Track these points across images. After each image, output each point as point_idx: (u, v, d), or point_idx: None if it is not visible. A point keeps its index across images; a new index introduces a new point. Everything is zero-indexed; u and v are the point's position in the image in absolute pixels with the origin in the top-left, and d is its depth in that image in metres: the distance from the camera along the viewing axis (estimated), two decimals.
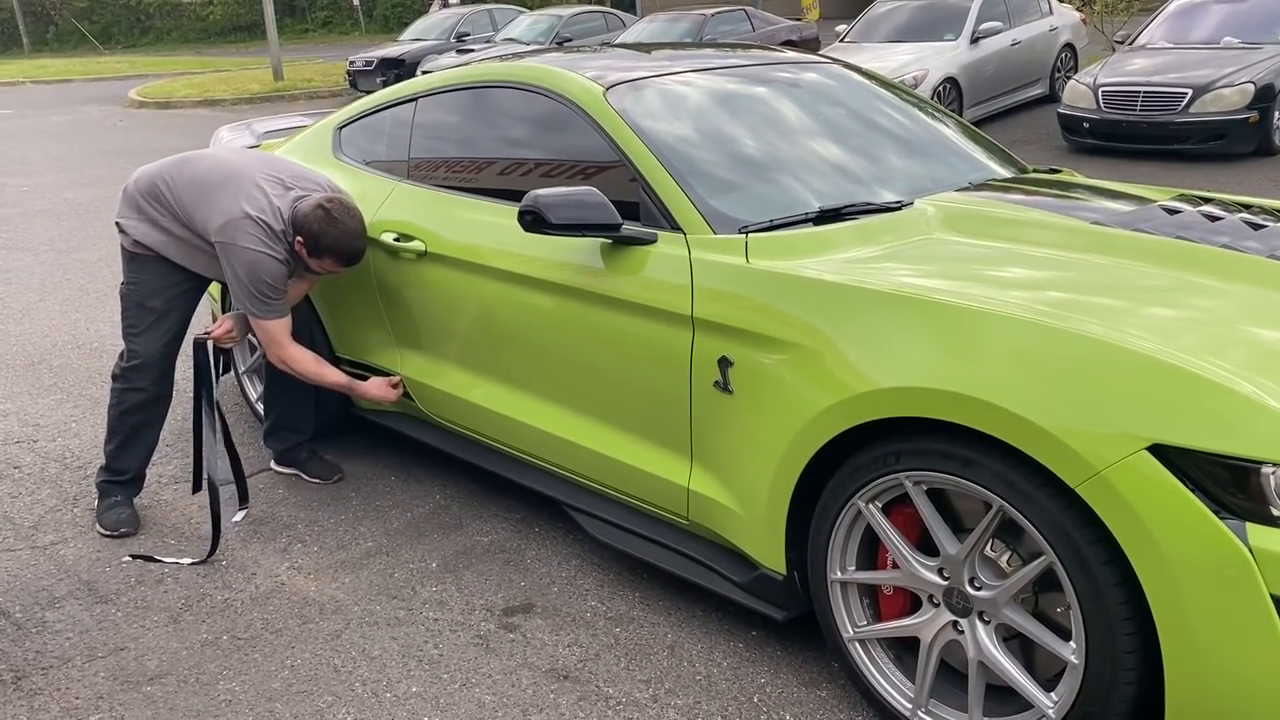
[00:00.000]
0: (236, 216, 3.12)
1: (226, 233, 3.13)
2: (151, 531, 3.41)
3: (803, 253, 2.53)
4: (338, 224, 3.12)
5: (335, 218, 3.12)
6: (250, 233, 3.12)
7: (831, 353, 2.25)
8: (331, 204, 3.14)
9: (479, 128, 3.37)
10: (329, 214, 3.12)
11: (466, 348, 3.27)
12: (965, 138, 3.45)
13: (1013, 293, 2.19)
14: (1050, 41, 12.56)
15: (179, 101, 18.42)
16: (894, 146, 3.17)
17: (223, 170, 3.23)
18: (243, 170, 3.22)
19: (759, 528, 2.48)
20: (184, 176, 3.25)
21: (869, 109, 3.33)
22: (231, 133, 4.63)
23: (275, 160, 3.35)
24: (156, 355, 3.33)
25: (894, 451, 2.18)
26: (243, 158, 3.30)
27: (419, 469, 3.77)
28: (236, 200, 3.14)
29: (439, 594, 2.97)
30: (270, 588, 3.04)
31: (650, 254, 2.70)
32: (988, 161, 3.32)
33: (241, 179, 3.19)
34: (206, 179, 3.22)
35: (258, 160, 3.30)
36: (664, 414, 2.70)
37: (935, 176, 3.08)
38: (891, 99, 3.47)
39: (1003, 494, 2.02)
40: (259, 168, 3.25)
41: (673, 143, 2.89)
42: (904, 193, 2.91)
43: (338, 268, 3.25)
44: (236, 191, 3.16)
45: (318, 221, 3.12)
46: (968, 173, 3.17)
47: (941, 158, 3.22)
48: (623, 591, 2.94)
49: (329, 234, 3.12)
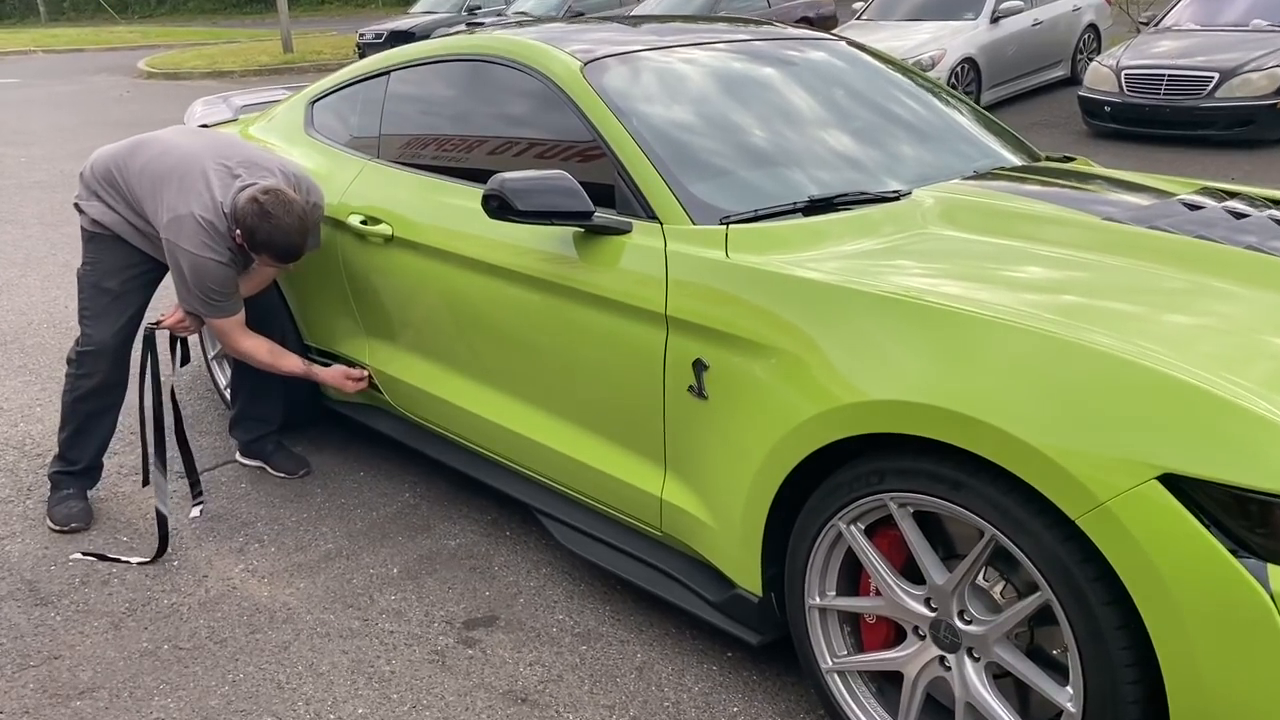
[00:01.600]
0: (181, 214, 2.93)
1: (172, 230, 2.95)
2: (105, 526, 3.24)
3: (788, 246, 2.32)
4: (270, 219, 2.90)
5: (268, 212, 2.89)
6: (193, 234, 2.93)
7: (816, 358, 2.04)
8: (267, 197, 2.91)
9: (452, 104, 3.16)
10: (262, 208, 2.90)
11: (434, 339, 3.08)
12: (975, 123, 3.22)
13: (1013, 297, 1.97)
14: (1073, 22, 12.22)
15: (187, 73, 18.24)
16: (897, 131, 2.95)
17: (172, 157, 3.03)
18: (192, 158, 3.02)
19: (734, 544, 2.29)
20: (136, 163, 3.07)
21: (872, 91, 3.10)
22: (206, 106, 4.43)
23: (229, 144, 3.14)
24: (111, 340, 3.15)
25: (878, 470, 1.97)
26: (194, 142, 3.09)
27: (390, 464, 3.59)
28: (183, 195, 2.95)
29: (397, 603, 2.79)
30: (221, 592, 2.87)
31: (625, 245, 2.49)
32: (997, 148, 3.09)
33: (190, 169, 2.99)
34: (156, 167, 3.03)
35: (210, 145, 3.09)
36: (636, 418, 2.50)
37: (939, 164, 2.85)
38: (898, 80, 3.24)
39: (995, 522, 1.82)
40: (210, 154, 3.04)
41: (653, 124, 2.68)
42: (905, 181, 2.69)
43: (275, 264, 3.04)
44: (182, 184, 2.97)
45: (251, 216, 2.91)
46: (975, 161, 2.95)
47: (947, 144, 2.99)
48: (593, 605, 2.75)
49: (261, 229, 2.91)
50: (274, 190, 2.94)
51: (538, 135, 2.88)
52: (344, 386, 3.32)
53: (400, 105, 3.33)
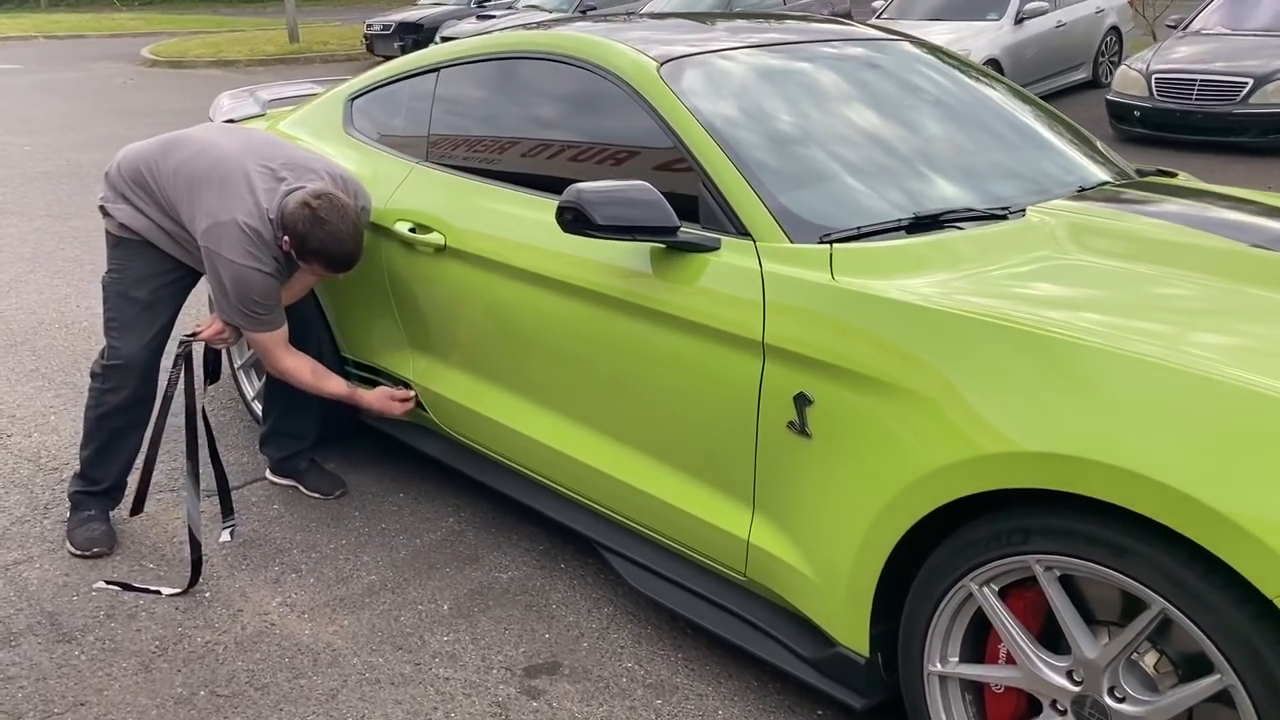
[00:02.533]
0: (223, 221, 2.72)
1: (211, 237, 2.73)
2: (129, 551, 3.02)
3: (901, 269, 2.10)
4: (324, 225, 2.69)
5: (321, 218, 2.68)
6: (236, 242, 2.71)
7: (951, 400, 1.83)
8: (319, 201, 2.70)
9: (509, 105, 2.94)
10: (315, 213, 2.69)
11: (489, 357, 2.86)
12: (1063, 132, 3.00)
13: (1180, 336, 1.76)
14: (1095, 24, 12.01)
15: (191, 61, 17.93)
16: (990, 141, 2.73)
17: (210, 158, 2.81)
18: (232, 159, 2.80)
19: (838, 600, 2.08)
20: (169, 164, 2.84)
21: (958, 96, 2.89)
22: (233, 100, 4.20)
23: (270, 144, 2.92)
24: (141, 354, 2.93)
25: (1022, 528, 1.76)
26: (234, 142, 2.87)
27: (429, 484, 3.37)
28: (224, 200, 2.73)
29: (451, 645, 2.58)
30: (259, 629, 2.65)
31: (710, 263, 2.28)
32: (1089, 162, 2.87)
33: (230, 170, 2.77)
34: (193, 168, 2.80)
35: (250, 145, 2.88)
36: (722, 454, 2.28)
37: (1042, 178, 2.64)
38: (982, 87, 3.03)
39: (1168, 594, 1.61)
40: (251, 155, 2.82)
41: (738, 130, 2.46)
42: (1009, 198, 2.48)
43: (327, 273, 2.83)
44: (223, 188, 2.75)
45: (303, 221, 2.69)
46: (1075, 175, 2.73)
47: (1043, 156, 2.78)
48: (663, 651, 2.54)
49: (314, 236, 2.70)
50: (326, 194, 2.73)
51: (607, 140, 2.66)
52: (389, 410, 3.10)
53: (451, 105, 3.11)
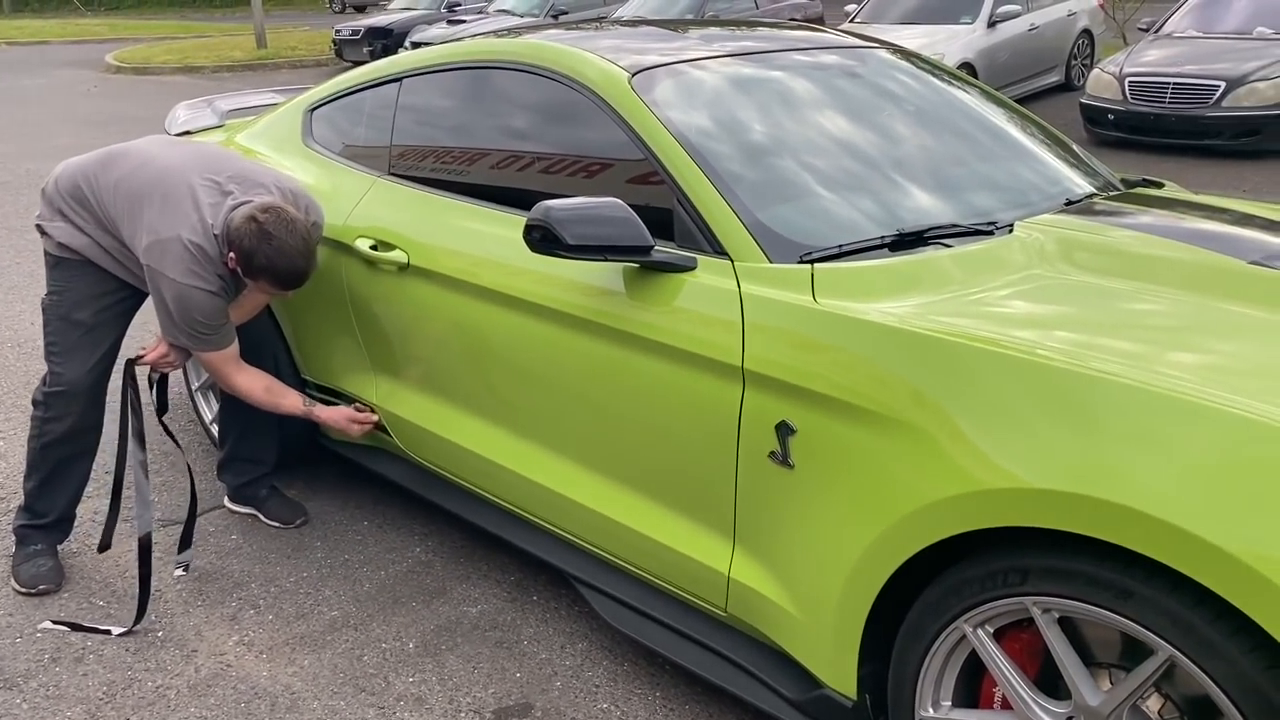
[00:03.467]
0: (165, 238, 2.58)
1: (153, 255, 2.59)
2: (78, 587, 2.87)
3: (886, 290, 2.00)
4: (271, 241, 2.56)
5: (269, 233, 2.55)
6: (179, 260, 2.58)
7: (945, 431, 1.72)
8: (266, 215, 2.57)
9: (475, 116, 2.82)
10: (261, 228, 2.56)
11: (455, 380, 2.74)
12: (1046, 141, 2.92)
13: (1186, 363, 1.66)
14: (1068, 27, 12.01)
15: (157, 68, 17.67)
16: (974, 152, 2.64)
17: (152, 171, 2.67)
18: (176, 173, 2.66)
19: (824, 639, 1.97)
20: (109, 178, 2.70)
21: (940, 106, 2.79)
22: (190, 111, 4.05)
23: (216, 156, 2.79)
24: (84, 380, 2.79)
25: (1020, 568, 1.66)
26: (178, 155, 2.74)
27: (395, 512, 3.24)
28: (166, 216, 2.60)
29: (417, 686, 2.45)
30: (213, 671, 2.51)
31: (686, 283, 2.17)
32: (1073, 172, 2.79)
33: (173, 185, 2.63)
34: (134, 183, 2.66)
35: (195, 157, 2.74)
36: (701, 484, 2.17)
37: (1026, 191, 2.55)
38: (966, 96, 2.93)
39: (1175, 640, 1.51)
40: (196, 168, 2.68)
41: (713, 143, 2.35)
42: (994, 212, 2.39)
43: (276, 290, 2.70)
44: (165, 203, 2.61)
45: (249, 237, 2.56)
46: (1060, 187, 2.64)
47: (1027, 167, 2.68)
48: (640, 690, 2.42)
49: (261, 252, 2.57)
50: (274, 208, 2.59)
51: (577, 154, 2.55)
52: (348, 430, 2.97)
53: (415, 116, 2.98)
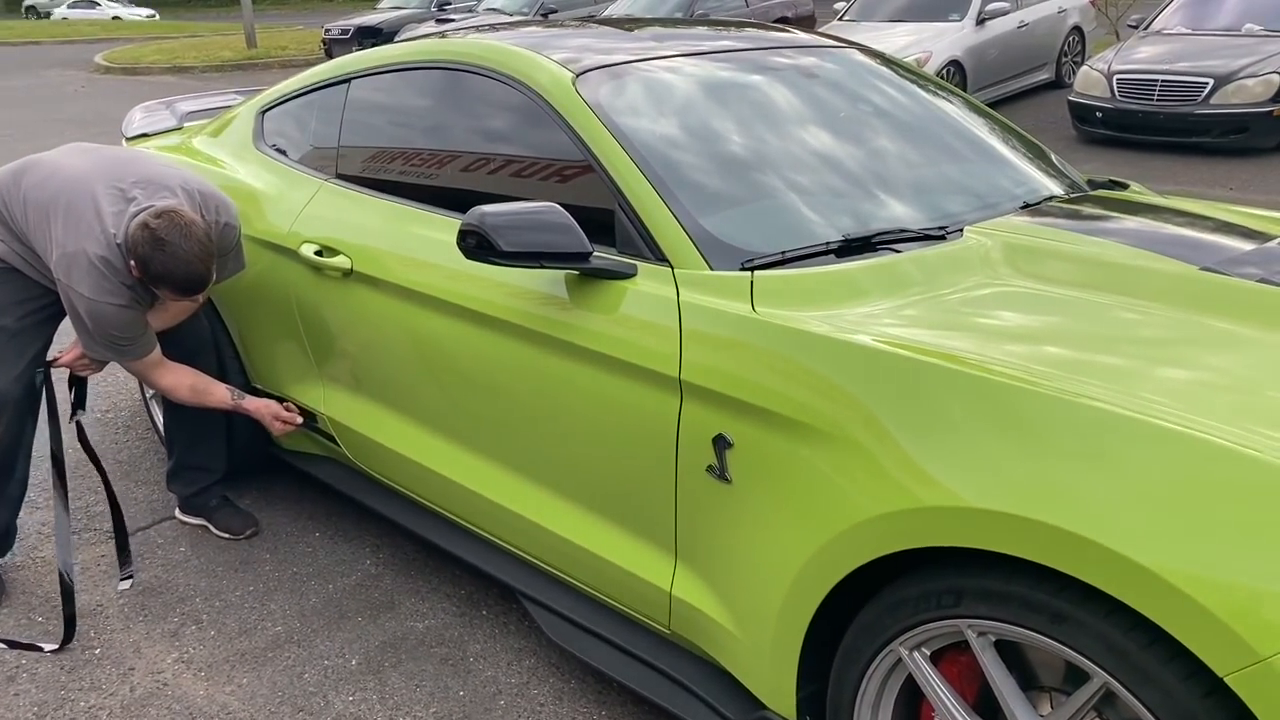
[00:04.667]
0: (71, 252, 2.53)
1: (62, 269, 2.55)
2: (18, 603, 2.80)
3: (828, 298, 1.93)
4: (165, 247, 2.48)
5: (161, 239, 2.48)
6: (86, 275, 2.52)
7: (883, 446, 1.65)
8: (159, 221, 2.49)
9: (420, 118, 2.75)
10: (154, 235, 2.48)
11: (399, 389, 2.67)
12: (1010, 142, 2.85)
13: (1126, 375, 1.59)
14: (1058, 24, 11.94)
15: (146, 68, 17.60)
16: (931, 154, 2.57)
17: (57, 183, 2.61)
18: (79, 182, 2.60)
19: (762, 659, 1.90)
20: (19, 191, 2.65)
21: (898, 107, 2.72)
22: (146, 113, 3.98)
23: (124, 161, 2.71)
24: (12, 387, 2.71)
25: (954, 589, 1.59)
26: (84, 163, 2.67)
27: (348, 523, 3.17)
28: (69, 229, 2.54)
29: (356, 705, 2.38)
30: (149, 690, 2.44)
31: (627, 291, 2.10)
32: (1038, 173, 2.72)
33: (76, 195, 2.57)
34: (40, 195, 2.61)
35: (102, 164, 2.67)
36: (642, 499, 2.11)
37: (982, 194, 2.48)
38: (922, 94, 2.87)
39: (1110, 667, 1.44)
40: (101, 176, 2.62)
41: (658, 147, 2.28)
42: (948, 216, 2.32)
43: (176, 298, 2.62)
44: (68, 215, 2.55)
45: (142, 244, 2.49)
46: (1020, 189, 2.57)
47: (987, 169, 2.62)
48: (586, 708, 2.36)
49: (156, 260, 2.49)
50: (168, 212, 2.51)
51: (521, 156, 2.48)
52: (271, 426, 2.90)
53: (361, 118, 2.91)
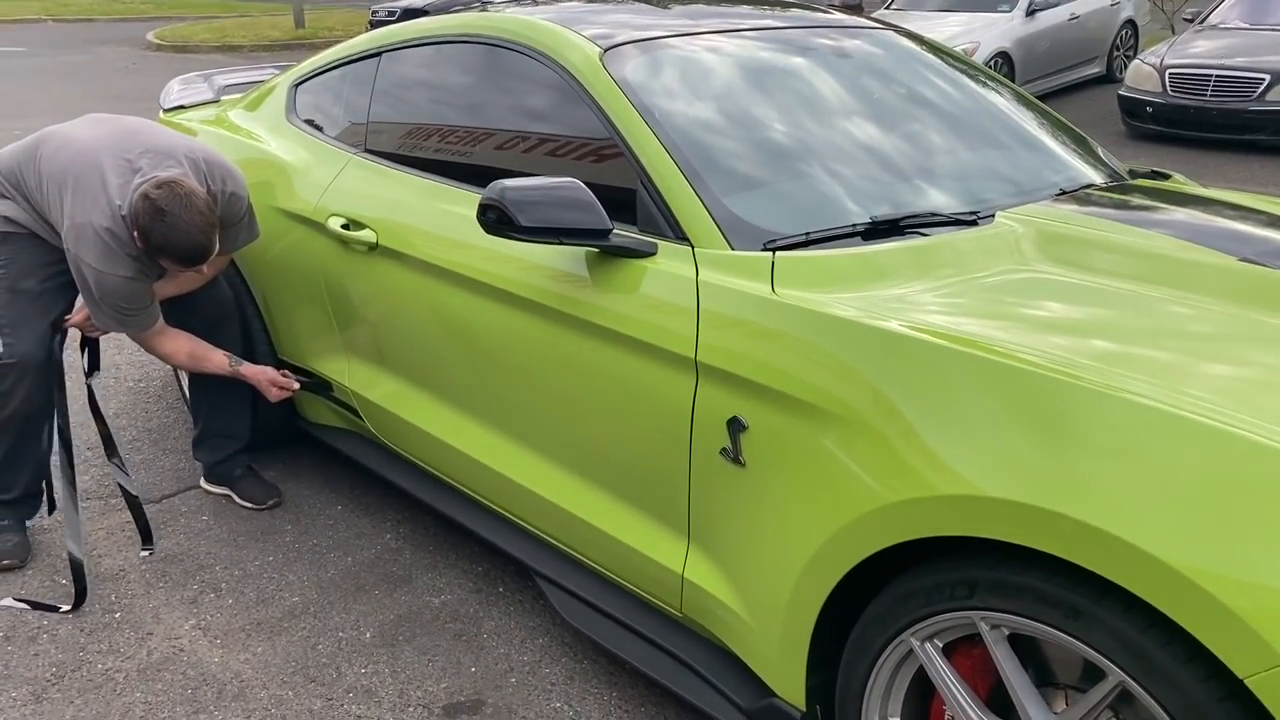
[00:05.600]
0: (79, 223, 2.57)
1: (71, 240, 2.59)
2: (43, 564, 2.83)
3: (850, 281, 1.89)
4: (165, 217, 2.49)
5: (161, 209, 2.49)
6: (93, 246, 2.56)
7: (901, 432, 1.61)
8: (160, 191, 2.51)
9: (449, 92, 2.73)
10: (154, 205, 2.50)
11: (421, 364, 2.66)
12: (1051, 129, 2.78)
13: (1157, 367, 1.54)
14: (1110, 17, 11.71)
15: (196, 46, 17.78)
16: (967, 139, 2.51)
17: (68, 154, 2.64)
18: (88, 154, 2.63)
19: (772, 645, 1.87)
20: (34, 163, 2.70)
21: (934, 91, 2.67)
22: (184, 86, 4.00)
23: (133, 132, 2.73)
24: (36, 350, 2.74)
25: (968, 580, 1.55)
26: (95, 134, 2.70)
27: (371, 497, 3.17)
28: (78, 201, 2.58)
29: (368, 678, 2.38)
30: (165, 655, 2.46)
31: (647, 270, 2.07)
32: (1078, 162, 2.65)
33: (85, 167, 2.61)
34: (52, 166, 2.65)
35: (112, 135, 2.69)
36: (655, 479, 2.08)
37: (1018, 180, 2.42)
38: (961, 78, 2.80)
39: (1126, 665, 1.40)
40: (109, 147, 2.65)
41: (685, 125, 2.25)
42: (981, 201, 2.27)
43: (179, 268, 2.64)
44: (78, 187, 2.59)
45: (143, 215, 2.51)
46: (1058, 177, 2.51)
47: (1025, 155, 2.56)
48: (597, 689, 2.34)
49: (156, 230, 2.51)
50: (169, 182, 2.52)
51: (549, 132, 2.46)
52: (268, 392, 2.92)
53: (391, 92, 2.91)
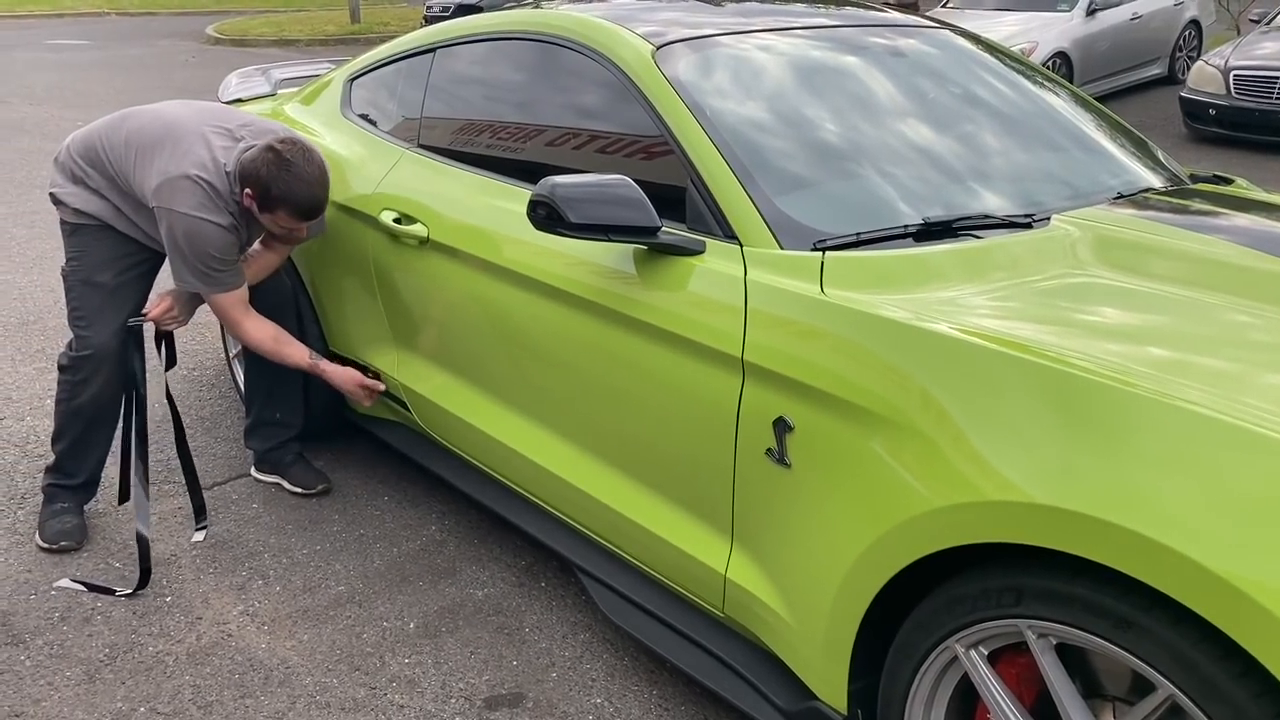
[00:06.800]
0: (174, 176, 2.61)
1: (162, 195, 2.62)
2: (98, 548, 2.89)
3: (900, 283, 1.87)
4: (291, 168, 2.58)
5: (288, 160, 2.58)
6: (189, 194, 2.61)
7: (950, 436, 1.59)
8: (284, 145, 2.61)
9: (499, 88, 2.75)
10: (280, 156, 2.58)
11: (469, 359, 2.68)
12: (1110, 132, 2.73)
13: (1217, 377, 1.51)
14: (1173, 17, 11.49)
15: (253, 39, 18.06)
16: (1022, 141, 2.48)
17: (161, 124, 2.70)
18: (184, 123, 2.70)
19: (815, 648, 1.86)
20: (120, 137, 2.74)
21: (990, 91, 2.63)
22: (242, 79, 4.07)
23: (224, 110, 2.83)
24: (111, 342, 2.80)
25: (1015, 587, 1.53)
26: (186, 109, 2.78)
27: (417, 490, 3.20)
28: (175, 158, 2.63)
29: (411, 668, 2.41)
30: (214, 639, 2.50)
31: (695, 268, 2.07)
32: (1137, 165, 2.61)
33: (183, 133, 2.67)
34: (143, 136, 2.70)
35: (204, 111, 2.78)
36: (700, 479, 2.08)
37: (1075, 183, 2.38)
38: (1017, 79, 2.77)
39: (1177, 679, 1.37)
40: (205, 119, 2.73)
41: (735, 124, 2.24)
42: (1036, 204, 2.23)
43: (294, 222, 2.69)
44: (175, 148, 2.65)
45: (266, 165, 2.58)
46: (1116, 180, 2.47)
47: (1082, 158, 2.52)
48: (637, 687, 2.34)
49: (281, 180, 2.58)
50: (292, 138, 2.65)
51: (600, 129, 2.46)
52: (354, 394, 2.96)
53: (444, 88, 2.93)
